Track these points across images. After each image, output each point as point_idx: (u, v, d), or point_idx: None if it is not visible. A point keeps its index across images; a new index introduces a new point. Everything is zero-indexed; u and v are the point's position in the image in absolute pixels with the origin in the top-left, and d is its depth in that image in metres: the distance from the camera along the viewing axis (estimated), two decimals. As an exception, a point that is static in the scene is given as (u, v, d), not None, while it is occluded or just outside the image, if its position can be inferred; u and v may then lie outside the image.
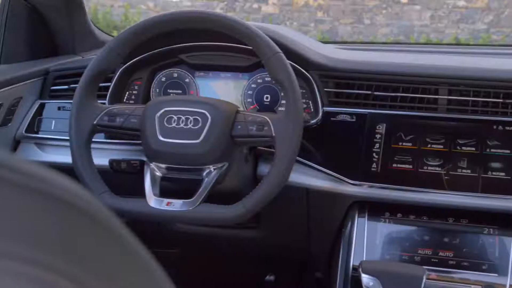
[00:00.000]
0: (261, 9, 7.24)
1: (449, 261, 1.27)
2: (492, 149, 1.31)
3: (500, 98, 1.34)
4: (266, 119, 1.25)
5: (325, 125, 1.41)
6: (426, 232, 1.32)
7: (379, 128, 1.38)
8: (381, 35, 7.01)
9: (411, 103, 1.39)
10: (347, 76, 1.42)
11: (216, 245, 1.67)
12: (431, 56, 1.60)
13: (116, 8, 7.11)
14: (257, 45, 1.25)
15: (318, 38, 7.08)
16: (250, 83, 1.49)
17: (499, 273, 1.23)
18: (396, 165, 1.35)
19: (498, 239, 1.28)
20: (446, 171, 1.32)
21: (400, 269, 1.20)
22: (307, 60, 1.41)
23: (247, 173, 1.39)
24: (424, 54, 1.66)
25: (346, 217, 1.38)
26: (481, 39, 6.53)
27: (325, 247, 1.45)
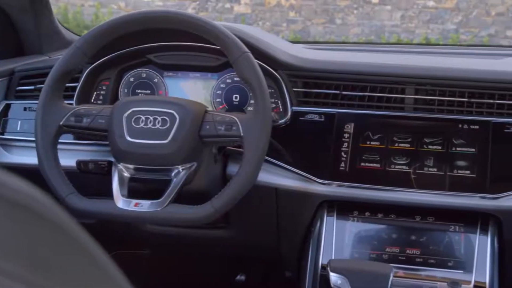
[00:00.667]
0: (233, 9, 7.23)
1: (416, 259, 1.28)
2: (458, 148, 1.33)
3: (465, 98, 1.36)
4: (235, 119, 1.25)
5: (294, 125, 1.42)
6: (393, 230, 1.34)
7: (348, 128, 1.39)
8: (352, 35, 7.06)
9: (379, 102, 1.41)
10: (316, 76, 1.43)
11: (186, 245, 1.66)
12: (399, 56, 1.62)
13: (87, 7, 7.05)
14: (225, 45, 1.25)
15: (290, 38, 7.11)
16: (219, 83, 1.49)
17: (464, 269, 1.25)
18: (364, 164, 1.36)
19: (463, 236, 1.30)
20: (413, 169, 1.34)
21: (367, 267, 1.21)
22: (275, 59, 1.42)
23: (216, 173, 1.39)
24: (394, 54, 1.68)
25: (315, 216, 1.39)
26: (450, 39, 6.62)
27: (295, 246, 1.46)
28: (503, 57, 1.58)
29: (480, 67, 1.38)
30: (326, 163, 1.38)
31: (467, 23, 6.73)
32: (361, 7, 7.03)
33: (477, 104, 1.36)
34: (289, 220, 1.44)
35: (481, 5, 6.67)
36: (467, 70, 1.37)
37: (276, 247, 1.51)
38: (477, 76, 1.35)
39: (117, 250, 1.68)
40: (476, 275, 1.24)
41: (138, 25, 1.29)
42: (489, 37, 6.58)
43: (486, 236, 1.29)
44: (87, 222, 1.44)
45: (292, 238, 1.46)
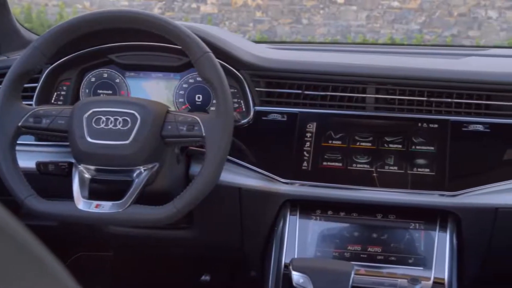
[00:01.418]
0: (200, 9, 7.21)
1: (378, 256, 1.30)
2: (418, 146, 1.35)
3: (424, 97, 1.38)
4: (197, 119, 1.24)
5: (257, 125, 1.42)
6: (355, 228, 1.35)
7: (310, 127, 1.40)
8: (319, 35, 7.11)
9: (341, 102, 1.42)
10: (278, 76, 1.43)
11: (150, 246, 1.65)
12: (362, 56, 1.64)
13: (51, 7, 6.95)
14: (186, 45, 1.25)
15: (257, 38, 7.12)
16: (182, 83, 1.49)
17: (424, 266, 1.27)
18: (327, 163, 1.37)
19: (423, 233, 1.32)
20: (375, 168, 1.35)
21: (329, 266, 1.22)
22: (238, 59, 1.42)
23: (179, 173, 1.38)
24: (360, 54, 1.69)
25: (278, 215, 1.40)
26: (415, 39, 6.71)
27: (258, 246, 1.46)
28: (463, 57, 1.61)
29: (438, 67, 1.41)
30: (288, 163, 1.38)
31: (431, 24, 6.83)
32: (327, 7, 7.08)
33: (436, 103, 1.38)
34: (252, 220, 1.45)
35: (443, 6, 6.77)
36: (426, 69, 1.39)
37: (240, 247, 1.51)
38: (435, 75, 1.37)
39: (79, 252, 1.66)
40: (435, 272, 1.26)
41: (98, 25, 1.28)
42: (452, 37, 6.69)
43: (445, 233, 1.31)
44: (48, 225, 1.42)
45: (255, 238, 1.46)
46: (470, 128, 1.35)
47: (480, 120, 1.35)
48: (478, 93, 1.36)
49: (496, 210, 1.30)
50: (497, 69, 1.40)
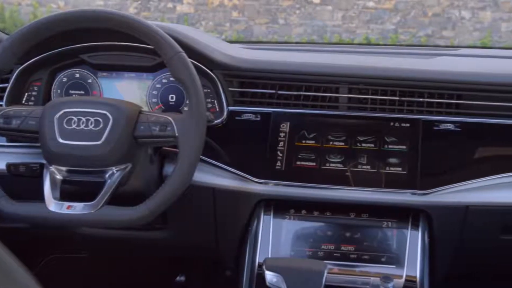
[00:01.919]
0: (176, 8, 7.19)
1: (351, 255, 1.31)
2: (390, 145, 1.36)
3: (396, 96, 1.39)
4: (169, 119, 1.24)
5: (231, 125, 1.42)
6: (329, 227, 1.36)
7: (283, 127, 1.40)
8: (295, 35, 7.13)
9: (314, 101, 1.43)
10: (251, 76, 1.44)
11: (125, 247, 1.65)
12: (335, 56, 1.64)
13: (24, 6, 6.87)
14: (158, 44, 1.24)
15: (234, 37, 7.12)
16: (155, 83, 1.48)
17: (396, 264, 1.28)
18: (300, 162, 1.38)
19: (396, 232, 1.33)
20: (348, 167, 1.36)
21: (302, 265, 1.23)
22: (211, 59, 1.42)
23: (152, 174, 1.38)
24: (335, 54, 1.70)
25: (252, 215, 1.40)
26: (390, 39, 6.77)
27: (233, 245, 1.46)
28: (435, 57, 1.63)
29: (410, 67, 1.42)
30: (262, 162, 1.39)
31: (406, 24, 6.89)
32: (303, 7, 7.10)
33: (407, 102, 1.39)
34: (227, 220, 1.45)
35: (418, 6, 6.84)
36: (397, 69, 1.41)
37: (215, 247, 1.51)
38: (406, 75, 1.39)
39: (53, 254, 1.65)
40: (407, 270, 1.27)
41: (70, 24, 1.27)
42: (426, 37, 6.76)
43: (417, 231, 1.32)
44: (19, 227, 1.41)
45: (230, 238, 1.46)
46: (441, 127, 1.36)
47: (451, 119, 1.36)
48: (449, 93, 1.38)
49: (466, 208, 1.32)
50: (468, 69, 1.41)
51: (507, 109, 1.36)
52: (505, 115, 1.36)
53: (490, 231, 1.37)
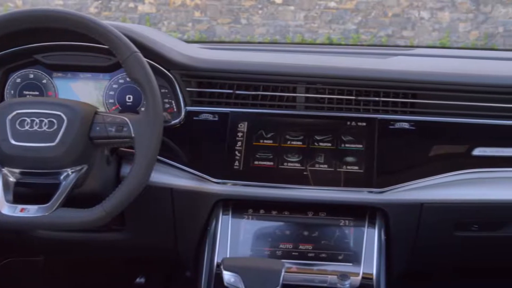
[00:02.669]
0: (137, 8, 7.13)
1: (309, 254, 1.31)
2: (347, 144, 1.37)
3: (352, 95, 1.40)
4: (126, 120, 1.23)
5: (188, 125, 1.42)
6: (287, 226, 1.36)
7: (241, 127, 1.40)
8: (258, 34, 7.15)
9: (272, 101, 1.43)
10: (209, 76, 1.43)
11: (82, 249, 1.62)
12: (293, 56, 1.65)
13: (-19, 5, 6.73)
14: (114, 44, 1.23)
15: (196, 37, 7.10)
16: (112, 84, 1.47)
17: (353, 262, 1.29)
18: (258, 162, 1.38)
19: (353, 230, 1.34)
20: (305, 166, 1.37)
21: (260, 264, 1.23)
22: (168, 59, 1.41)
23: (109, 175, 1.36)
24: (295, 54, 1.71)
25: (211, 215, 1.40)
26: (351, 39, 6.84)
27: (192, 246, 1.46)
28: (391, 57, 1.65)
29: (365, 66, 1.43)
30: (220, 163, 1.39)
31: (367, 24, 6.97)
32: (265, 8, 7.12)
33: (364, 102, 1.41)
34: (185, 220, 1.44)
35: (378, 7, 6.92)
36: (353, 69, 1.42)
37: (174, 248, 1.50)
38: (361, 75, 1.40)
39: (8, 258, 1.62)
40: (364, 267, 1.28)
41: (22, 24, 1.25)
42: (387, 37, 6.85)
43: (374, 229, 1.33)
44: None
45: (189, 238, 1.46)
46: (396, 126, 1.38)
47: (406, 118, 1.38)
48: (404, 92, 1.39)
49: (421, 206, 1.34)
50: (422, 68, 1.43)
51: (460, 108, 1.39)
52: (459, 114, 1.39)
53: (444, 227, 1.39)
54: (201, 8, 7.20)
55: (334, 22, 7.01)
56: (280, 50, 1.84)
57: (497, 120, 1.38)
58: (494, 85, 1.39)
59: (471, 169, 1.36)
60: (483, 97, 1.39)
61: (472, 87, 1.39)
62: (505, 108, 1.38)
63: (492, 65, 1.62)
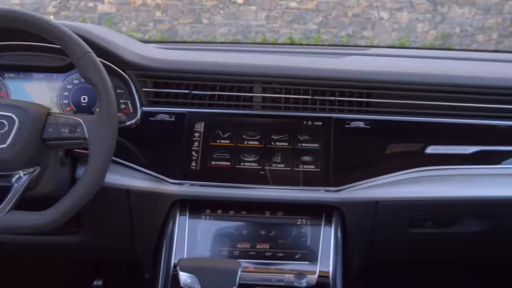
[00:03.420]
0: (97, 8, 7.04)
1: (266, 253, 1.32)
2: (303, 144, 1.38)
3: (309, 95, 1.41)
4: (79, 121, 1.22)
5: (145, 125, 1.41)
6: (245, 226, 1.36)
7: (198, 127, 1.40)
8: (220, 34, 7.13)
9: (228, 101, 1.43)
10: (165, 76, 1.42)
11: (38, 253, 1.60)
12: (250, 55, 1.65)
13: None
14: (66, 45, 1.21)
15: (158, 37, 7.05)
16: (66, 84, 1.45)
17: (310, 261, 1.30)
18: (215, 162, 1.38)
19: (310, 228, 1.35)
20: (262, 166, 1.37)
21: (216, 265, 1.23)
22: (123, 60, 1.40)
23: (63, 177, 1.34)
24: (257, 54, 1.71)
25: (168, 216, 1.39)
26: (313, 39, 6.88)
27: (150, 247, 1.45)
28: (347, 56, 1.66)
29: (320, 66, 1.44)
30: (177, 163, 1.38)
31: (327, 24, 7.02)
32: (227, 7, 7.11)
33: (320, 101, 1.42)
34: (142, 221, 1.43)
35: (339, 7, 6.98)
36: (308, 68, 1.43)
37: (132, 249, 1.49)
38: (317, 74, 1.41)
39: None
40: (320, 266, 1.29)
41: None
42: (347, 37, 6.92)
43: (330, 228, 1.35)
44: None
45: (146, 239, 1.45)
46: (352, 125, 1.39)
47: (361, 117, 1.40)
48: (359, 91, 1.41)
49: (376, 203, 1.36)
50: (376, 68, 1.45)
51: (414, 107, 1.41)
52: (413, 113, 1.41)
53: (399, 225, 1.41)
54: (162, 8, 7.15)
55: (296, 22, 7.04)
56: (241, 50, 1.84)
57: (448, 118, 1.41)
58: (447, 85, 1.42)
59: (424, 167, 1.38)
60: (436, 96, 1.41)
61: (425, 86, 1.41)
62: (456, 107, 1.41)
63: (448, 65, 1.65)
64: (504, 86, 1.43)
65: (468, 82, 1.42)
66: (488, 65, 1.69)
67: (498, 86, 1.42)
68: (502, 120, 1.42)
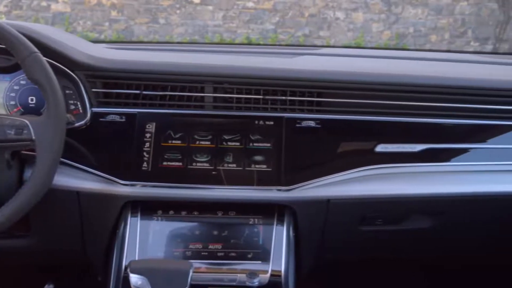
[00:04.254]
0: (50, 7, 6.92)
1: (218, 253, 1.31)
2: (255, 143, 1.39)
3: (260, 95, 1.42)
4: (26, 122, 1.20)
5: (95, 126, 1.39)
6: (197, 227, 1.36)
7: (149, 127, 1.39)
8: (177, 34, 7.10)
9: (180, 101, 1.42)
10: (115, 76, 1.41)
11: None
12: (203, 55, 1.65)
13: None
14: (11, 45, 1.19)
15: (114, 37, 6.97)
16: (12, 85, 1.42)
17: (262, 260, 1.31)
18: (167, 163, 1.37)
19: (262, 228, 1.35)
20: (214, 166, 1.37)
21: (167, 266, 1.22)
22: (71, 60, 1.38)
23: (10, 180, 1.31)
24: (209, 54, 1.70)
25: (119, 218, 1.37)
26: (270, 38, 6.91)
27: (101, 249, 1.43)
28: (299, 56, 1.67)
29: (271, 66, 1.45)
30: (128, 164, 1.37)
31: (284, 24, 7.05)
32: (183, 7, 7.08)
33: (271, 101, 1.42)
34: (93, 224, 1.41)
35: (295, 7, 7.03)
36: (259, 68, 1.43)
37: (83, 252, 1.47)
38: (267, 74, 1.42)
39: None
40: (273, 265, 1.30)
41: None
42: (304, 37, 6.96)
43: (282, 227, 1.35)
44: None
45: (98, 242, 1.43)
46: (303, 124, 1.40)
47: (312, 117, 1.41)
48: (310, 91, 1.42)
49: (328, 202, 1.37)
50: (327, 67, 1.46)
51: (364, 106, 1.43)
52: (363, 112, 1.43)
53: (350, 223, 1.43)
54: (118, 7, 7.07)
55: (253, 22, 7.06)
56: (198, 50, 1.83)
57: (397, 117, 1.43)
58: (397, 84, 1.44)
59: (374, 165, 1.40)
60: (385, 95, 1.43)
61: (374, 85, 1.43)
62: (405, 106, 1.43)
63: (402, 65, 1.68)
64: (454, 85, 1.46)
65: (419, 81, 1.45)
66: (441, 65, 1.72)
67: (449, 85, 1.45)
68: (449, 118, 1.45)
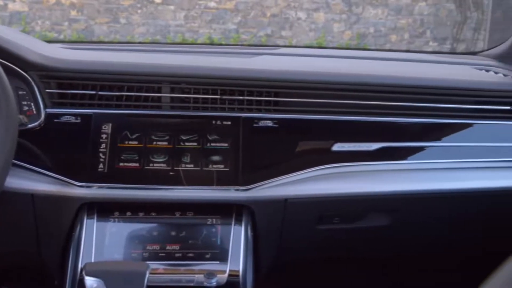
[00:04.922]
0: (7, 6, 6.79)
1: (176, 254, 1.31)
2: (212, 144, 1.38)
3: (217, 95, 1.42)
4: None
5: (49, 127, 1.37)
6: (154, 228, 1.35)
7: (105, 128, 1.38)
8: (138, 34, 7.04)
9: (137, 101, 1.41)
10: (70, 76, 1.39)
11: None
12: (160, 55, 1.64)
13: None
14: None
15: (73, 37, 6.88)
16: None
17: (220, 260, 1.30)
18: (123, 164, 1.36)
19: (220, 228, 1.35)
20: (171, 166, 1.36)
21: (123, 268, 1.21)
22: (24, 60, 1.35)
23: None
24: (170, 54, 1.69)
25: (75, 220, 1.35)
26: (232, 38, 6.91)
27: (57, 252, 1.40)
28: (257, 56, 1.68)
29: (228, 66, 1.45)
30: (84, 165, 1.35)
31: (246, 24, 7.06)
32: (144, 7, 7.03)
33: (229, 101, 1.42)
34: (49, 226, 1.39)
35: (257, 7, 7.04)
36: (215, 68, 1.43)
37: (38, 255, 1.44)
38: (224, 74, 1.42)
39: None
40: (230, 265, 1.29)
41: None
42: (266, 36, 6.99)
43: (241, 226, 1.35)
44: None
45: (53, 245, 1.41)
46: (260, 124, 1.41)
47: (269, 116, 1.41)
48: (267, 91, 1.42)
49: (285, 201, 1.37)
50: (283, 67, 1.47)
51: (321, 105, 1.44)
52: (320, 112, 1.44)
53: (307, 222, 1.44)
54: (78, 7, 6.98)
55: (215, 22, 7.05)
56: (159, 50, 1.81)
57: (353, 116, 1.45)
58: (353, 83, 1.45)
59: (331, 164, 1.41)
60: (342, 94, 1.45)
61: (331, 85, 1.44)
62: (362, 105, 1.45)
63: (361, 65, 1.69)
64: (412, 85, 1.48)
65: (377, 81, 1.47)
66: (400, 64, 1.74)
67: (407, 85, 1.47)
68: (405, 117, 1.47)
